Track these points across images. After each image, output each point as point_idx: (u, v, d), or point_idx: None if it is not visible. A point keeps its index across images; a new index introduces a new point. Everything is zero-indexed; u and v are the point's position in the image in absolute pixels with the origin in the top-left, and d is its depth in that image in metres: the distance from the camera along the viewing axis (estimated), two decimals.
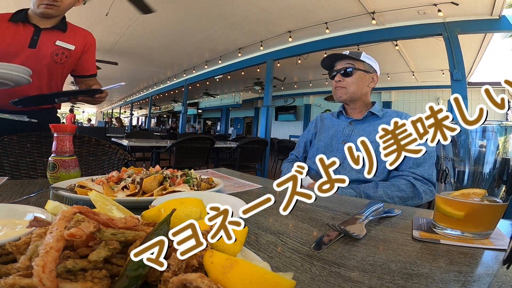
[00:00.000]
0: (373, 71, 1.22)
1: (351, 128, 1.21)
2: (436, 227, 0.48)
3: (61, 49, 1.31)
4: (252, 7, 4.74)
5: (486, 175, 0.43)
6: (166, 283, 0.20)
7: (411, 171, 1.03)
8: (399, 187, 0.99)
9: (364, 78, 1.20)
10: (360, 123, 1.21)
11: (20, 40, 1.22)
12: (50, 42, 1.28)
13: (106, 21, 5.12)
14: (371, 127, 1.16)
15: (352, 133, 1.20)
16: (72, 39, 1.35)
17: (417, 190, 0.98)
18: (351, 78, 1.18)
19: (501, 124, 0.42)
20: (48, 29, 1.27)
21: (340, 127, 1.24)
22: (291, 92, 11.95)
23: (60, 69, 1.36)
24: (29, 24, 1.24)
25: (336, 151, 1.20)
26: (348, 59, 1.20)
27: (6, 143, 1.02)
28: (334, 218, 0.55)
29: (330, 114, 1.38)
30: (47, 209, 0.40)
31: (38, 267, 0.18)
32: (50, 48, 1.28)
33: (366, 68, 1.20)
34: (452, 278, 0.32)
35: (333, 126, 1.28)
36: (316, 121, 1.41)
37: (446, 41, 4.27)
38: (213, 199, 0.54)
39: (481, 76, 7.71)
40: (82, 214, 0.24)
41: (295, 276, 0.32)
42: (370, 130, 1.16)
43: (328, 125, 1.31)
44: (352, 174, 1.09)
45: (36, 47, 1.24)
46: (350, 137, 1.19)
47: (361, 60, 1.19)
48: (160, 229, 0.25)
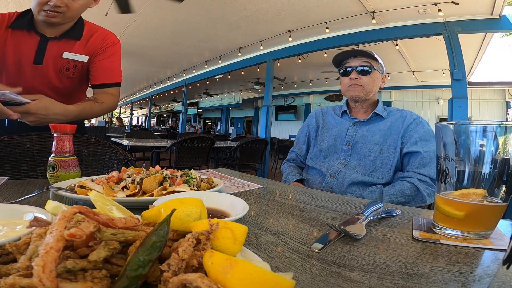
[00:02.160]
0: (383, 72, 1.20)
1: (355, 130, 1.18)
2: (436, 227, 0.48)
3: (72, 62, 1.10)
4: (252, 7, 4.73)
5: (486, 175, 0.43)
6: (166, 283, 0.20)
7: (417, 172, 1.00)
8: (403, 193, 0.97)
9: (378, 78, 1.17)
10: (364, 124, 1.18)
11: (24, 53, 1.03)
12: (59, 55, 1.07)
13: (106, 21, 5.12)
14: (375, 128, 1.14)
15: (356, 135, 1.16)
16: (86, 47, 1.12)
17: (421, 194, 0.97)
18: (368, 78, 1.14)
19: (501, 124, 0.42)
20: (57, 39, 1.06)
21: (344, 127, 1.20)
22: (291, 91, 11.95)
23: (77, 81, 1.17)
24: (34, 33, 1.02)
25: (340, 153, 1.17)
26: (364, 56, 1.15)
27: (6, 143, 1.02)
28: (334, 218, 0.55)
29: (331, 110, 1.33)
30: (47, 209, 0.40)
31: (38, 267, 0.18)
32: (59, 63, 1.08)
33: (379, 68, 1.17)
34: (452, 278, 0.32)
35: (336, 125, 1.24)
36: (317, 115, 1.34)
37: (446, 41, 4.27)
38: (213, 199, 0.54)
39: (481, 76, 7.71)
40: (82, 214, 0.24)
41: (295, 276, 0.32)
42: (375, 131, 1.14)
43: (331, 124, 1.27)
44: (357, 176, 1.07)
45: (42, 63, 1.05)
46: (355, 139, 1.15)
47: (376, 60, 1.15)
48: (160, 229, 0.25)
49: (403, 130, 1.10)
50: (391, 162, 1.07)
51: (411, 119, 1.12)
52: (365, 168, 1.09)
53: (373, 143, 1.11)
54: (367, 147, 1.12)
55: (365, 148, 1.12)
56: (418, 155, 1.03)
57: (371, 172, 1.08)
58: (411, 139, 1.07)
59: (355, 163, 1.12)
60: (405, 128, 1.10)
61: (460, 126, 0.45)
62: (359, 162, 1.11)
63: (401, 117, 1.14)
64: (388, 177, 1.06)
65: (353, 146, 1.15)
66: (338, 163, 1.13)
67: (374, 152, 1.10)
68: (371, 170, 1.08)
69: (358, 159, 1.12)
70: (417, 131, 1.09)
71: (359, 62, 1.15)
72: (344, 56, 1.18)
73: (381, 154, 1.09)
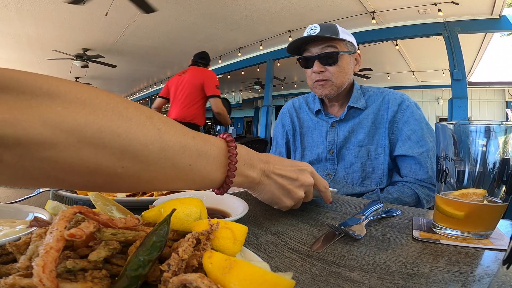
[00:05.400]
0: (354, 49, 0.96)
1: (334, 132, 0.99)
2: (436, 227, 0.48)
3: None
4: (252, 7, 4.74)
5: (486, 175, 0.43)
6: (166, 283, 0.20)
7: (417, 179, 0.89)
8: (403, 201, 0.87)
9: (349, 63, 0.94)
10: (343, 123, 0.99)
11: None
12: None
13: (106, 21, 5.13)
14: (357, 125, 0.96)
15: (337, 139, 0.99)
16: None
17: (419, 199, 0.88)
18: (336, 67, 0.90)
19: (501, 124, 0.42)
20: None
21: (323, 131, 1.02)
22: (291, 91, 11.94)
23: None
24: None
25: (325, 162, 1.02)
26: (326, 40, 0.89)
27: None
28: (334, 218, 0.55)
29: (304, 104, 1.11)
30: (47, 209, 0.40)
31: (38, 267, 0.18)
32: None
33: (348, 48, 0.93)
34: (452, 278, 0.32)
35: (315, 128, 1.05)
36: (290, 113, 1.12)
37: (446, 41, 4.28)
38: (213, 199, 0.54)
39: (481, 76, 7.72)
40: (82, 214, 0.24)
41: (295, 276, 0.32)
42: (358, 130, 0.96)
43: (308, 125, 1.07)
44: (348, 189, 0.95)
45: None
46: (337, 144, 0.99)
47: (342, 39, 0.90)
48: (160, 229, 0.25)
49: (388, 122, 0.92)
50: (382, 166, 0.94)
51: (395, 106, 0.93)
52: (354, 178, 0.96)
53: (358, 145, 0.96)
54: (352, 152, 0.96)
55: (350, 153, 0.97)
56: (413, 159, 0.89)
57: (362, 181, 0.95)
58: (401, 135, 0.91)
59: (344, 173, 0.98)
60: (390, 120, 0.92)
61: (460, 126, 0.45)
62: (347, 171, 0.97)
63: (383, 103, 0.95)
64: (382, 184, 0.94)
65: (338, 153, 0.99)
66: (326, 175, 1.00)
67: (361, 157, 0.95)
68: (362, 179, 0.95)
69: (345, 167, 0.98)
70: (406, 121, 0.91)
71: (320, 47, 0.90)
72: (301, 41, 0.93)
73: (369, 157, 0.95)
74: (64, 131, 0.24)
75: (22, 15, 5.05)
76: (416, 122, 0.91)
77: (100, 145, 0.26)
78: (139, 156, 0.29)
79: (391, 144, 0.93)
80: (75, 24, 5.38)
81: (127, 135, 0.28)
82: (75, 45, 6.74)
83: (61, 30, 5.78)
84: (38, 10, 4.83)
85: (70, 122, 0.25)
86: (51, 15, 5.04)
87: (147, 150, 0.30)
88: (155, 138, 0.30)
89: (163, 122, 0.32)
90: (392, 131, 0.93)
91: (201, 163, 0.36)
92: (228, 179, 0.39)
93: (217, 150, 0.38)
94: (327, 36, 0.88)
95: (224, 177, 0.39)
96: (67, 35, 6.04)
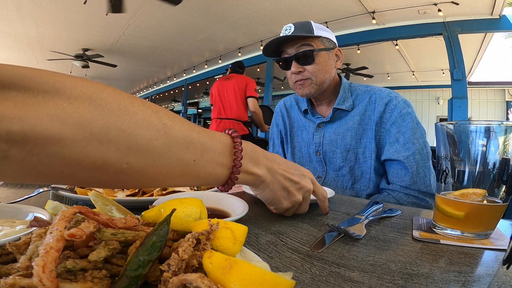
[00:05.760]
0: (333, 45, 0.95)
1: (321, 133, 0.98)
2: (436, 227, 0.48)
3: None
4: (252, 7, 4.74)
5: (486, 175, 0.43)
6: (166, 283, 0.20)
7: (402, 186, 0.84)
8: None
9: (328, 59, 0.92)
10: (330, 125, 0.97)
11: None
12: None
13: (106, 21, 5.12)
14: (343, 127, 0.94)
15: (323, 140, 0.97)
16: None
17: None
18: (314, 65, 0.89)
19: (501, 124, 0.42)
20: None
21: (310, 132, 1.01)
22: (291, 92, 11.89)
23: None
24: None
25: (315, 163, 1.00)
26: (301, 39, 0.88)
27: None
28: (334, 218, 0.55)
29: (295, 103, 1.10)
30: (47, 209, 0.40)
31: (38, 267, 0.18)
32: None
33: (326, 44, 0.92)
34: (452, 278, 0.32)
35: (304, 128, 1.04)
36: (282, 112, 1.12)
37: (446, 41, 4.28)
38: (213, 199, 0.54)
39: (481, 76, 7.72)
40: (82, 214, 0.24)
41: (295, 276, 0.32)
42: (344, 132, 0.94)
43: (298, 125, 1.07)
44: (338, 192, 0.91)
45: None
46: (323, 146, 0.97)
47: (317, 36, 0.89)
48: (160, 229, 0.25)
49: (375, 124, 0.89)
50: (369, 171, 0.91)
51: (382, 106, 0.89)
52: (344, 182, 0.94)
53: (345, 149, 0.93)
54: (339, 156, 0.94)
55: (337, 156, 0.94)
56: (400, 164, 0.85)
57: (352, 185, 0.93)
58: (389, 137, 0.88)
59: (333, 176, 0.96)
60: (377, 121, 0.89)
61: (460, 126, 0.45)
62: (337, 174, 0.95)
63: (370, 102, 0.92)
64: (369, 190, 0.91)
65: (324, 155, 0.97)
66: (316, 177, 0.94)
67: (349, 161, 0.93)
68: (351, 183, 0.93)
69: (334, 170, 0.96)
70: (394, 122, 0.87)
71: (296, 47, 0.89)
72: (277, 42, 0.91)
73: (357, 161, 0.92)
74: (70, 127, 0.25)
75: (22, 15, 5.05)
76: (404, 122, 0.87)
77: (105, 141, 0.27)
78: (144, 151, 0.29)
79: (378, 148, 0.90)
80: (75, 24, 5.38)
81: (132, 130, 0.28)
82: (75, 45, 6.74)
83: (61, 30, 5.78)
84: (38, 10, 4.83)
85: (76, 118, 0.25)
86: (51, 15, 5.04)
87: (152, 145, 0.30)
88: (160, 133, 0.30)
89: (169, 117, 0.32)
90: (379, 133, 0.90)
91: (206, 159, 0.35)
92: (233, 175, 0.39)
93: (222, 146, 0.38)
94: (300, 35, 0.87)
95: (229, 173, 0.39)
96: (67, 35, 6.04)
